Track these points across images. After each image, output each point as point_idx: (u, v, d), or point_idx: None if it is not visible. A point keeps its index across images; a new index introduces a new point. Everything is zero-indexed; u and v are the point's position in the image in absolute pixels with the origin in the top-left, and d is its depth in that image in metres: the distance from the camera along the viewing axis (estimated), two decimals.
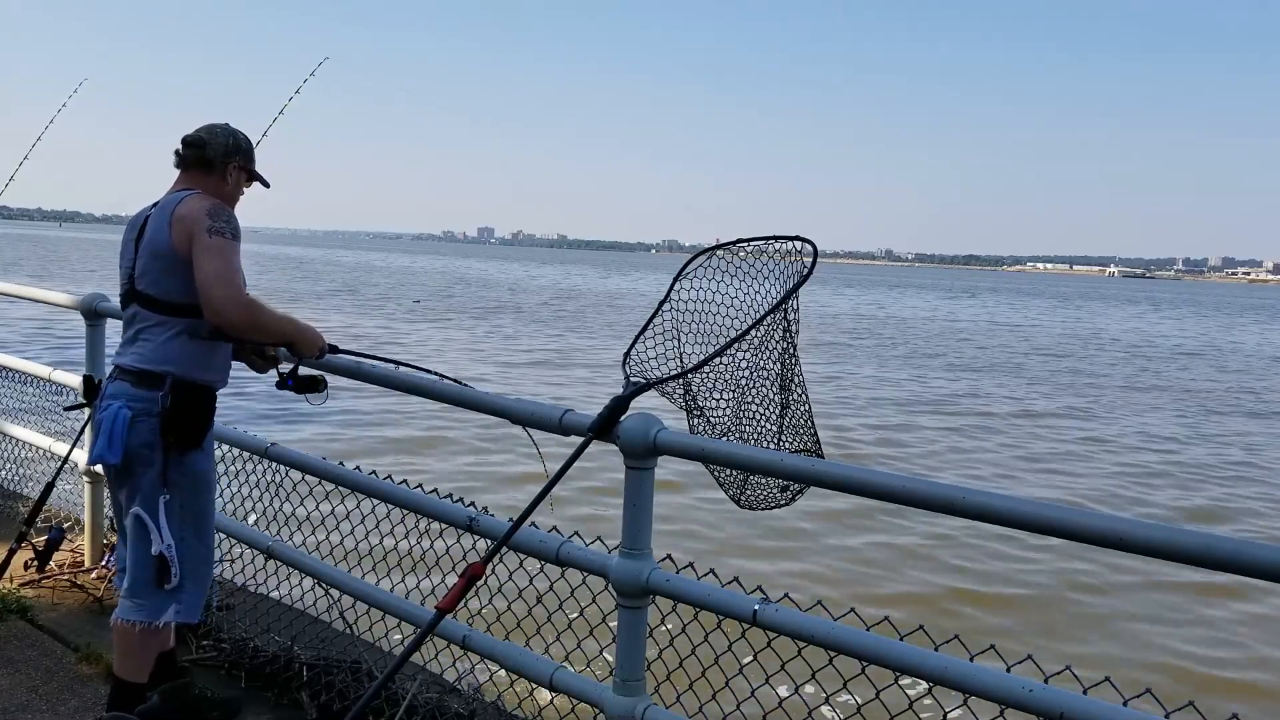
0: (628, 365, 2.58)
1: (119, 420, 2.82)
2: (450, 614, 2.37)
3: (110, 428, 2.82)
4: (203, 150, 2.96)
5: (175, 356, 2.86)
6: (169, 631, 2.97)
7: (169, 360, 2.86)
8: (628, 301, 48.21)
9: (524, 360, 21.59)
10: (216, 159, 2.97)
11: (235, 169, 3.02)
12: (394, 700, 3.23)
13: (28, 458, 5.46)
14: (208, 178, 2.97)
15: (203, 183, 2.96)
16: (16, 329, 19.78)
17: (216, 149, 2.97)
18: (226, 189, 3.01)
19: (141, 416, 2.83)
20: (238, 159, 3.02)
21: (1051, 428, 15.71)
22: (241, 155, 3.04)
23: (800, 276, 2.43)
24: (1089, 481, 11.93)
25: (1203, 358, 32.20)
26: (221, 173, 2.99)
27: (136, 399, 2.84)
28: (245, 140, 3.08)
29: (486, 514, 2.91)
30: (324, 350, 3.05)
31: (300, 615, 3.86)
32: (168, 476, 2.84)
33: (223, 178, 3.00)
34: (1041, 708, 1.91)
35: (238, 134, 3.06)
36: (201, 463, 2.94)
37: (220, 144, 2.98)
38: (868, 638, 2.20)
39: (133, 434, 2.82)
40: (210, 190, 2.95)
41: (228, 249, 2.79)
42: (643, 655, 2.55)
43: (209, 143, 2.97)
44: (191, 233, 2.78)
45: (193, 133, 3.00)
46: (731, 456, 2.43)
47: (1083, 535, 1.87)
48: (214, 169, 2.98)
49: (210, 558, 3.02)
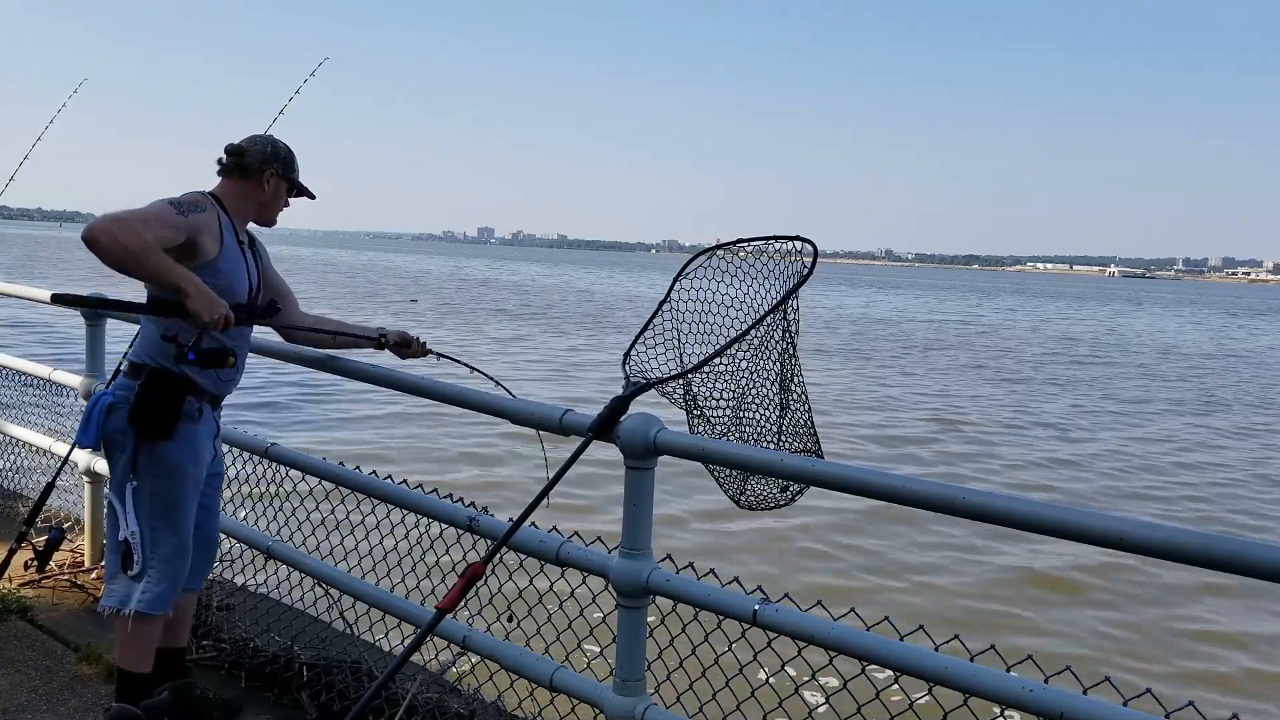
0: (628, 365, 2.59)
1: (99, 406, 2.90)
2: (450, 614, 2.37)
3: (91, 411, 2.91)
4: (241, 157, 3.00)
5: (154, 349, 2.91)
6: (160, 623, 2.98)
7: (149, 353, 2.92)
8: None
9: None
10: (253, 165, 3.01)
11: (273, 176, 3.04)
12: (394, 700, 3.23)
13: (27, 459, 5.46)
14: (244, 183, 3.02)
15: (238, 188, 3.01)
16: (17, 329, 19.78)
17: (254, 156, 3.01)
18: (263, 196, 3.05)
19: (120, 404, 2.90)
20: (274, 166, 3.04)
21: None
22: (279, 163, 3.05)
23: (800, 276, 2.43)
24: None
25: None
26: (258, 180, 3.02)
27: (121, 387, 2.93)
28: (285, 149, 3.10)
29: (486, 514, 2.91)
30: (225, 319, 2.74)
31: (300, 615, 3.86)
32: (137, 463, 2.87)
33: (259, 185, 3.03)
34: (1041, 708, 1.91)
35: (278, 143, 3.09)
36: (174, 454, 2.90)
37: (258, 151, 3.02)
38: (868, 638, 2.20)
39: (109, 420, 2.90)
40: (245, 196, 3.01)
41: (159, 206, 2.74)
42: (643, 655, 2.55)
43: (247, 150, 3.02)
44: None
45: (236, 143, 3.05)
46: (731, 456, 2.43)
47: (1083, 535, 1.87)
48: (250, 175, 3.02)
49: (185, 552, 2.98)
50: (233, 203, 3.01)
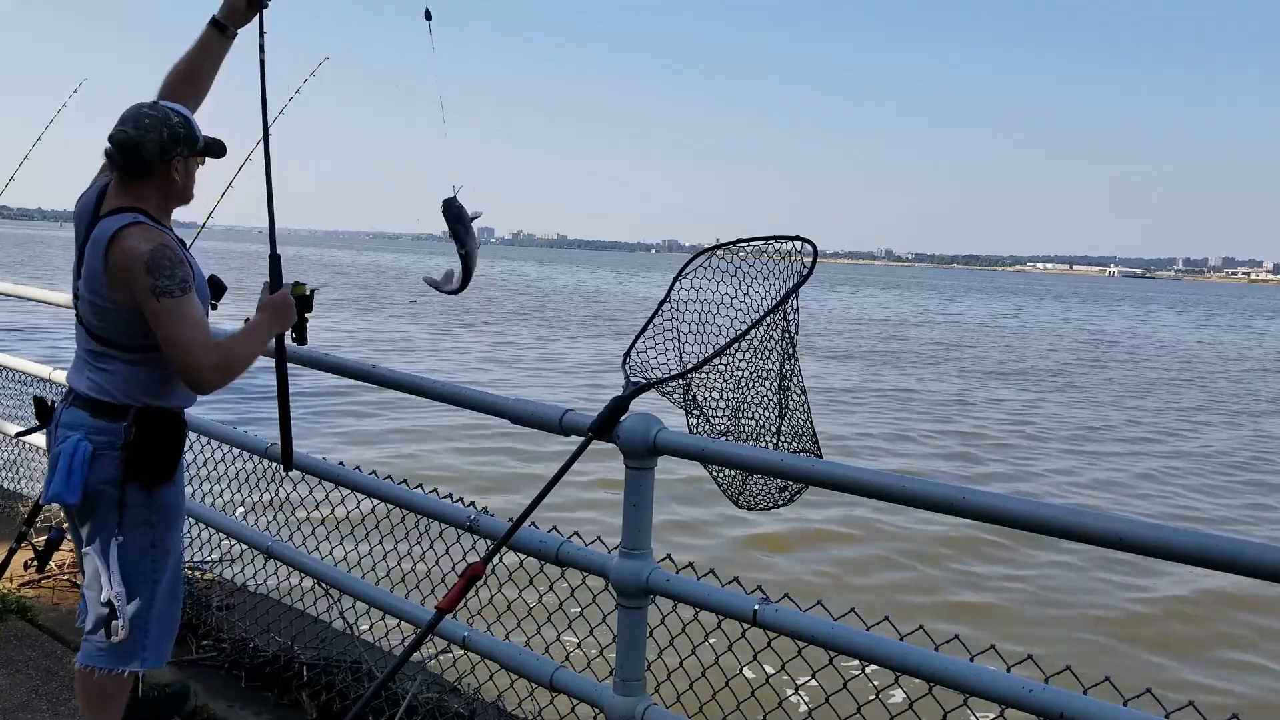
0: (628, 365, 2.58)
1: (79, 455, 2.47)
2: (450, 614, 2.37)
3: (69, 463, 2.47)
4: (138, 153, 2.47)
5: (140, 386, 2.54)
6: (135, 678, 2.75)
7: (134, 391, 2.53)
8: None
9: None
10: (154, 159, 2.49)
11: (179, 160, 2.54)
12: (394, 700, 3.23)
13: (27, 459, 5.46)
14: (150, 182, 2.52)
15: (142, 191, 2.52)
16: (19, 329, 19.77)
17: (152, 148, 2.47)
18: (175, 187, 2.57)
19: (104, 450, 2.50)
20: (179, 150, 2.52)
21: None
22: (183, 144, 2.53)
23: (800, 276, 2.43)
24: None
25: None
26: (164, 172, 2.53)
27: (98, 430, 2.51)
28: (182, 121, 2.54)
29: (486, 514, 2.91)
30: (292, 316, 2.76)
31: (300, 615, 3.86)
32: (126, 517, 2.52)
33: (166, 177, 2.54)
34: (1041, 708, 1.91)
35: (171, 116, 2.52)
36: (174, 496, 2.64)
37: (155, 141, 2.47)
38: (868, 638, 2.20)
39: (94, 470, 2.49)
40: (155, 195, 2.53)
41: (183, 309, 2.41)
42: (643, 655, 2.55)
43: (142, 143, 2.46)
44: (133, 292, 2.41)
45: (121, 130, 2.47)
46: (731, 457, 2.43)
47: (1082, 535, 1.87)
48: (154, 172, 2.51)
49: (180, 593, 2.74)
50: (160, 211, 2.56)
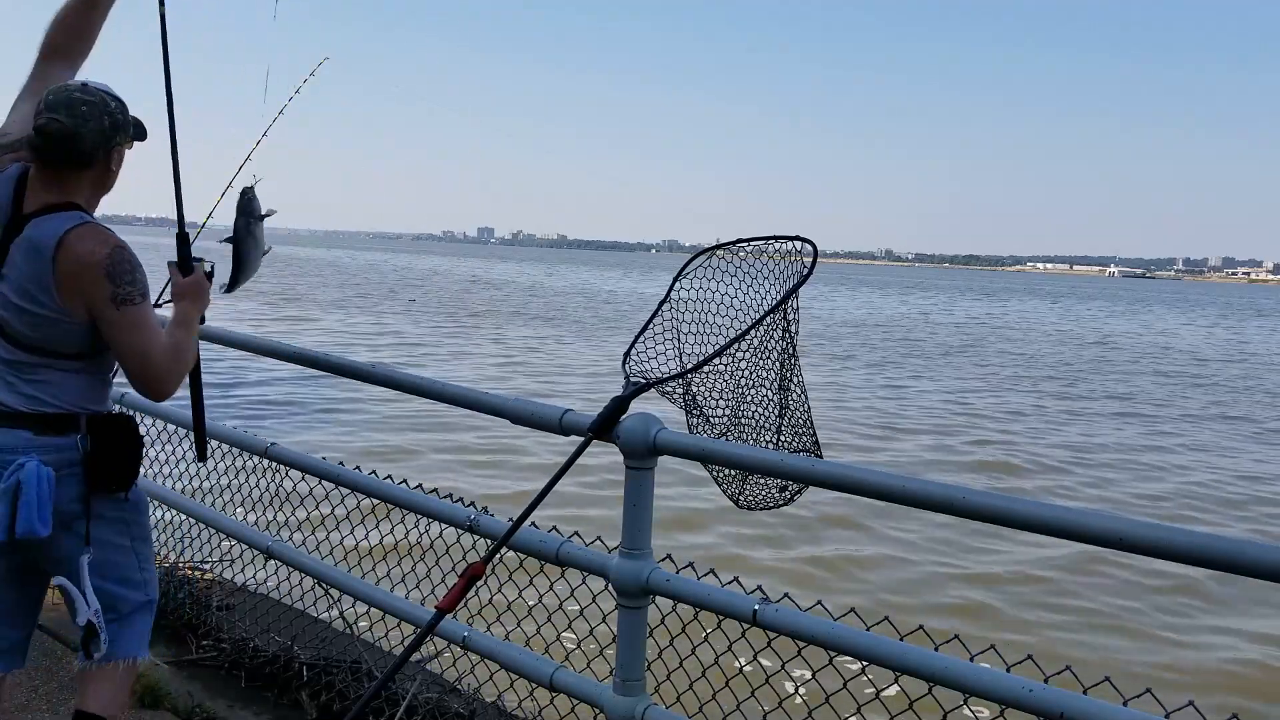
0: (628, 365, 2.58)
1: (43, 481, 2.27)
2: (450, 614, 2.37)
3: (35, 492, 2.25)
4: (77, 144, 2.28)
5: (82, 393, 2.37)
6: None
7: (76, 399, 2.36)
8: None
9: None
10: (97, 150, 2.33)
11: (118, 150, 2.40)
12: (394, 700, 3.23)
13: None
14: (84, 174, 2.34)
15: (76, 183, 2.34)
16: None
17: (92, 138, 2.30)
18: (110, 179, 2.43)
19: (64, 469, 2.33)
20: (119, 138, 2.38)
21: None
22: (122, 132, 2.38)
23: (800, 277, 2.43)
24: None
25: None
26: (104, 163, 2.38)
27: (49, 449, 2.31)
28: (120, 106, 2.38)
29: (486, 514, 2.91)
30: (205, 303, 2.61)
31: (300, 615, 3.86)
32: (95, 530, 2.40)
33: (105, 169, 2.39)
34: (1041, 708, 1.91)
35: (109, 101, 2.35)
36: (138, 491, 2.54)
37: (95, 131, 2.30)
38: (868, 638, 2.20)
39: (60, 491, 2.32)
40: (86, 187, 2.36)
41: (145, 317, 2.31)
42: (643, 655, 2.55)
43: (82, 134, 2.28)
44: (90, 302, 2.26)
45: (52, 119, 2.26)
46: (731, 456, 2.43)
47: (1082, 535, 1.87)
48: (94, 163, 2.35)
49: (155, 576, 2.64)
50: (89, 204, 2.39)
